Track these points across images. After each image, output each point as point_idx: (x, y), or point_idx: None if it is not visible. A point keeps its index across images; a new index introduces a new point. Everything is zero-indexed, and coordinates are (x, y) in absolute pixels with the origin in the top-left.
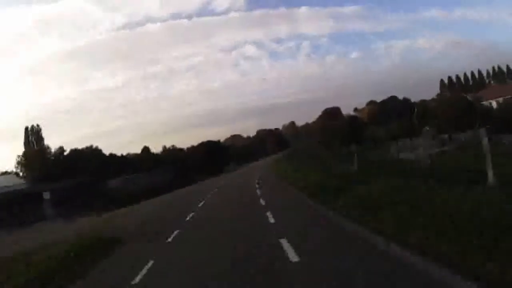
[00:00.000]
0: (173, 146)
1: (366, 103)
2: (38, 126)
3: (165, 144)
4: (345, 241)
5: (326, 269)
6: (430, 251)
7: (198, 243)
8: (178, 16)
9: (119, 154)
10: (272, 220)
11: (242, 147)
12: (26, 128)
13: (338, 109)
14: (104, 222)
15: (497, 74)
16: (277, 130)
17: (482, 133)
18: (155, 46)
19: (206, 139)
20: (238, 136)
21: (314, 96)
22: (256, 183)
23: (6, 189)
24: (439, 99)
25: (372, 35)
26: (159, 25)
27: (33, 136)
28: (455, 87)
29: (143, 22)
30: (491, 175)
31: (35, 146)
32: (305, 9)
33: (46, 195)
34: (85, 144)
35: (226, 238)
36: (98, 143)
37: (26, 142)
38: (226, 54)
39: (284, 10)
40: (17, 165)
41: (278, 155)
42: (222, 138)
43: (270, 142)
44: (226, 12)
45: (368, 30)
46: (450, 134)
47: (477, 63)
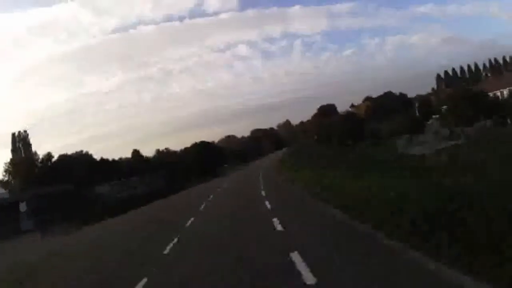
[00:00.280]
0: (166, 149)
1: (362, 100)
2: (26, 132)
3: (159, 147)
4: None
5: None
6: None
7: None
8: (170, 18)
9: (111, 159)
10: None
11: (237, 148)
12: (13, 134)
13: (333, 106)
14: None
15: (494, 67)
16: (272, 129)
17: None
18: (149, 49)
19: (201, 141)
20: (233, 136)
21: (309, 94)
22: (265, 200)
23: None
24: (443, 92)
25: (365, 32)
26: (152, 27)
27: (19, 142)
28: (452, 81)
29: (136, 25)
30: None
31: (23, 153)
32: (298, 7)
33: (22, 207)
34: (76, 149)
35: None
36: (90, 148)
37: (14, 149)
38: (219, 54)
39: (276, 9)
40: (4, 173)
41: (278, 155)
42: (217, 139)
43: (266, 142)
44: (218, 12)
45: (361, 27)
46: (462, 128)
47: (472, 57)
